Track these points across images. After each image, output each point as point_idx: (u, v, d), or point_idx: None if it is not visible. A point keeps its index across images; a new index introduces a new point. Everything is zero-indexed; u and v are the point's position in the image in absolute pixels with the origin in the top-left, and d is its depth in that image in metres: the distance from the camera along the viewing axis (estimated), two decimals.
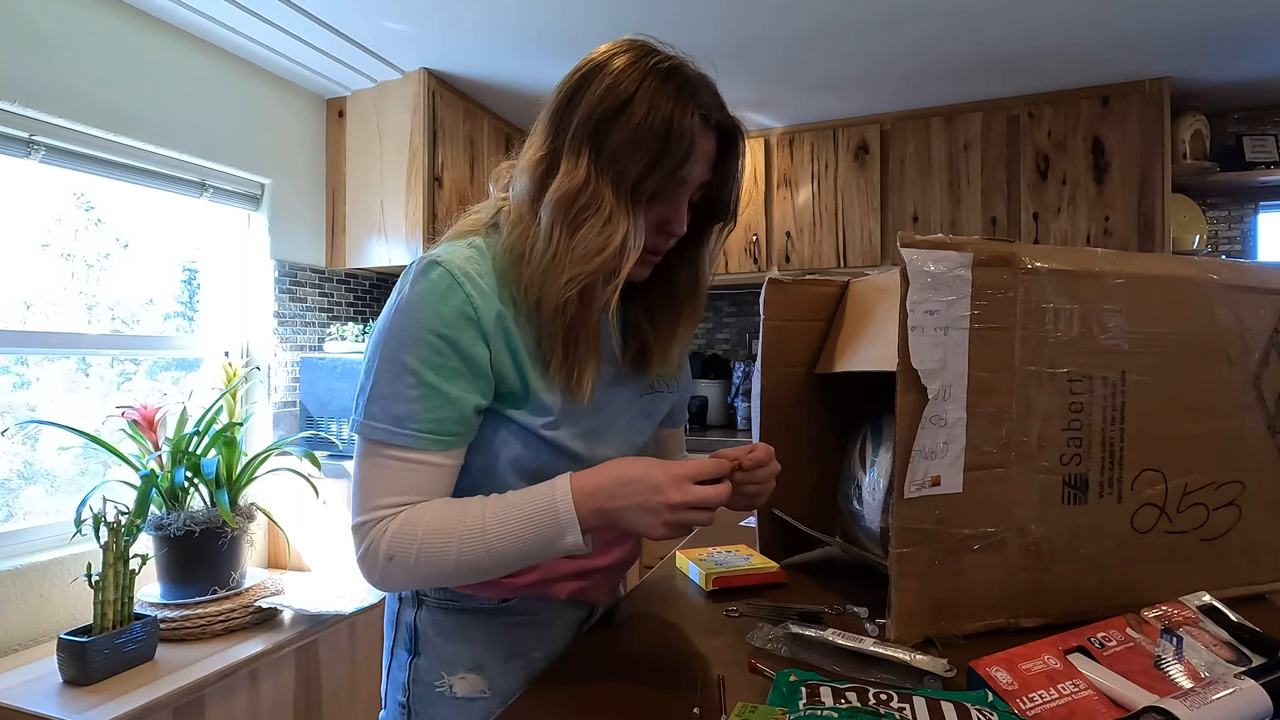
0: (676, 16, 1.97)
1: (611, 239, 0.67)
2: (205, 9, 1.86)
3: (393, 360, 0.67)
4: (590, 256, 0.67)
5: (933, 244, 0.76)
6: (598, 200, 0.67)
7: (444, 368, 0.67)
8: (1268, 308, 0.89)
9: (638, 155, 0.67)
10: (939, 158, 2.62)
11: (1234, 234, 2.68)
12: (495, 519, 0.66)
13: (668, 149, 0.68)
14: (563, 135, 0.70)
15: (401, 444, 0.67)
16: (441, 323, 0.67)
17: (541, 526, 0.65)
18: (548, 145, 0.71)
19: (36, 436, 1.77)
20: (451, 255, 0.69)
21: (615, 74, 0.69)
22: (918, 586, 0.79)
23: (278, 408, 2.26)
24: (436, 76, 2.34)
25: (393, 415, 0.67)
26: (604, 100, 0.68)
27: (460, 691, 0.77)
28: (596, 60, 0.71)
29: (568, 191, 0.67)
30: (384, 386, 0.67)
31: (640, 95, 0.67)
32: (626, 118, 0.67)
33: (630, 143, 0.67)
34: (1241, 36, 2.10)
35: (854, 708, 0.58)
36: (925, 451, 0.77)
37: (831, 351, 1.08)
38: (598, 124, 0.68)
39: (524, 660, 0.80)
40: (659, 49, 0.72)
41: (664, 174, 0.69)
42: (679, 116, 0.68)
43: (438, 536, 0.66)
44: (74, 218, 1.88)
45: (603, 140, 0.68)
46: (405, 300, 0.68)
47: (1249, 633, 0.72)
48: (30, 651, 1.55)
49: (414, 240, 2.31)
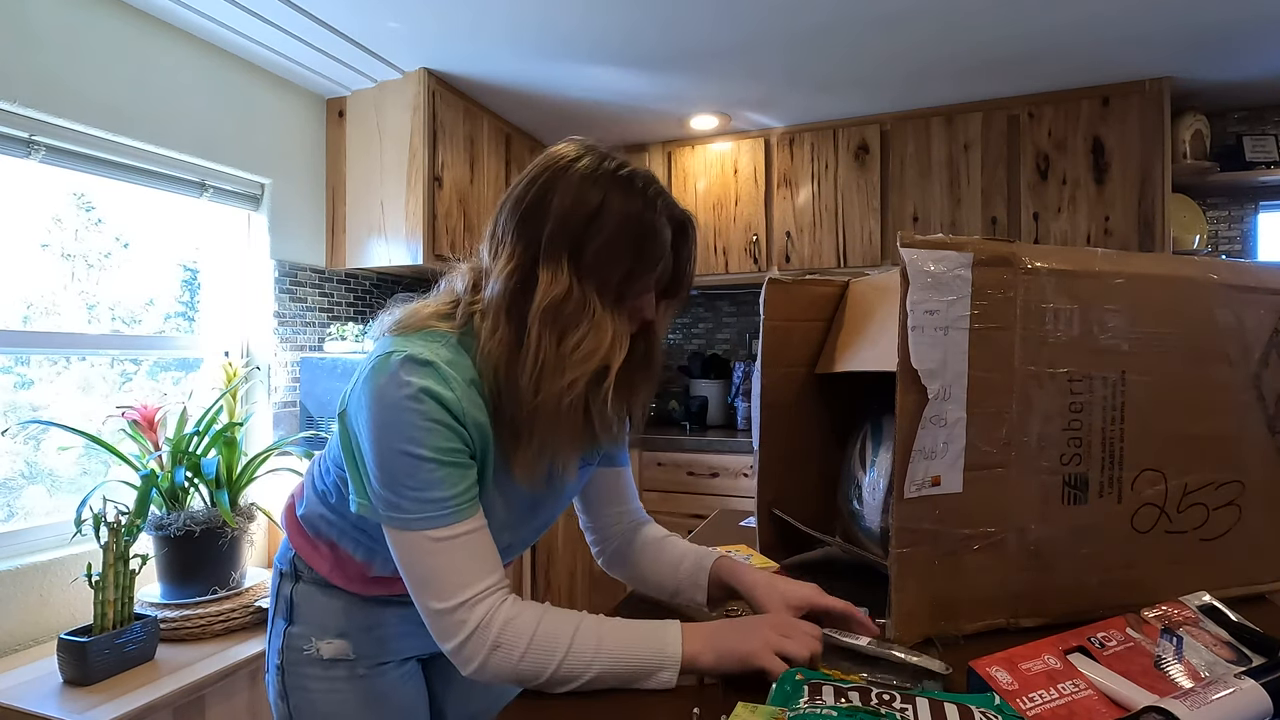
0: (677, 16, 1.97)
1: (603, 341, 0.71)
2: (205, 9, 1.86)
3: (405, 455, 0.68)
4: (586, 359, 0.70)
5: (933, 244, 0.76)
6: (584, 307, 0.70)
7: (453, 450, 0.69)
8: (1268, 308, 0.89)
9: (618, 260, 0.71)
10: (939, 158, 2.62)
11: (1234, 234, 2.68)
12: (610, 639, 0.70)
13: (644, 252, 0.72)
14: (535, 245, 0.72)
15: (452, 520, 0.69)
16: (444, 411, 0.68)
17: (647, 655, 0.70)
18: (520, 255, 0.72)
19: (39, 437, 1.77)
20: (434, 353, 0.70)
21: (579, 181, 0.72)
22: (918, 586, 0.79)
23: (278, 408, 2.26)
24: (436, 76, 2.34)
25: (430, 499, 0.68)
26: (575, 210, 0.71)
27: (326, 654, 0.85)
28: (555, 167, 0.73)
29: (554, 301, 0.70)
30: (407, 480, 0.68)
31: (609, 202, 0.71)
32: (600, 225, 0.70)
33: (608, 249, 0.70)
34: (1241, 36, 2.10)
35: (854, 707, 0.58)
36: (925, 451, 0.77)
37: (831, 351, 1.08)
38: (573, 234, 0.71)
39: (388, 630, 0.88)
40: (611, 154, 0.75)
41: (642, 274, 0.73)
42: (649, 219, 0.72)
43: (550, 642, 0.69)
44: (74, 218, 1.88)
45: (580, 249, 0.71)
46: (395, 393, 0.68)
47: (1249, 633, 0.72)
48: (30, 651, 1.55)
49: (414, 240, 2.31)
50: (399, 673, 0.89)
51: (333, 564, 0.85)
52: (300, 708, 0.86)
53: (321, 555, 0.86)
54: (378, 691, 0.86)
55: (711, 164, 2.95)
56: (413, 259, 2.31)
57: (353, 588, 0.86)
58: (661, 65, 2.29)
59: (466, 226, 2.50)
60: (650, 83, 2.42)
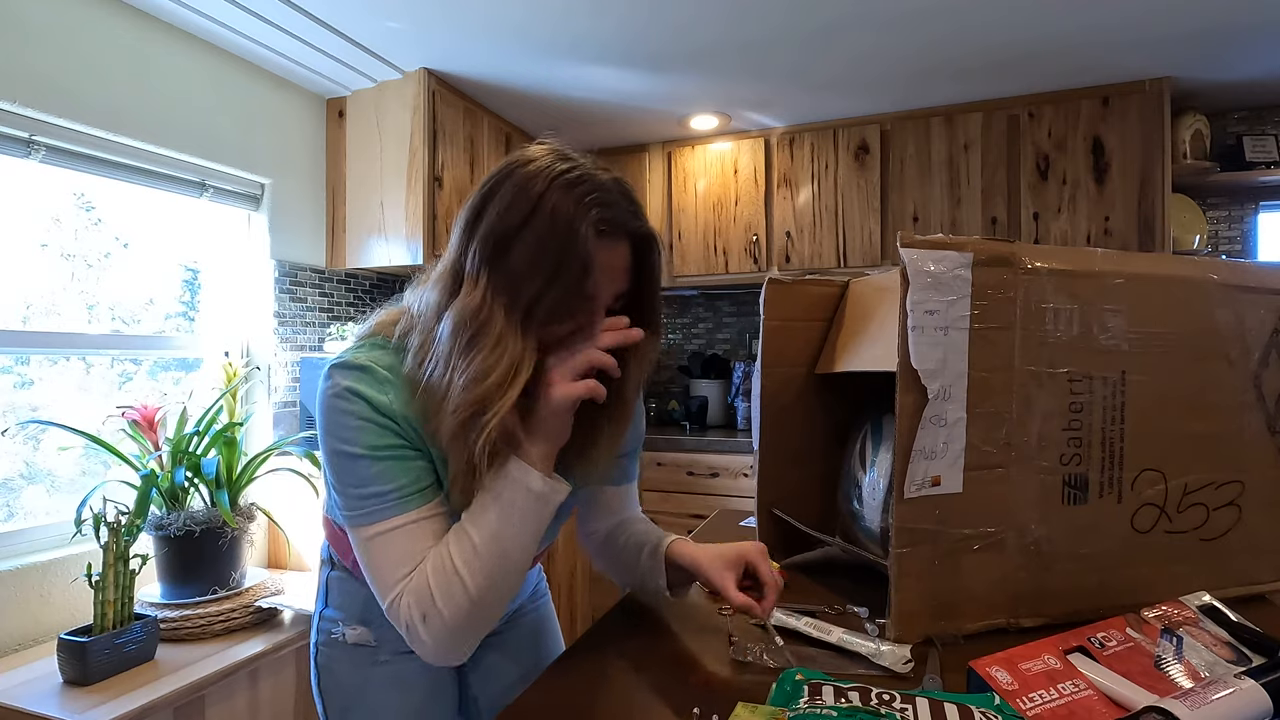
0: (677, 16, 1.97)
1: (498, 363, 0.65)
2: (205, 9, 1.86)
3: (341, 454, 0.69)
4: (476, 383, 0.65)
5: (933, 244, 0.76)
6: (489, 322, 0.66)
7: (389, 445, 0.69)
8: (1268, 308, 0.89)
9: (533, 276, 0.65)
10: (939, 158, 2.62)
11: (1234, 234, 2.68)
12: (470, 521, 0.68)
13: (562, 268, 0.65)
14: (469, 249, 0.69)
15: (389, 515, 0.69)
16: (373, 411, 0.68)
17: (505, 492, 0.68)
18: (454, 259, 0.71)
19: (39, 437, 1.77)
20: (371, 358, 0.70)
21: (521, 184, 0.67)
22: (918, 586, 0.79)
23: (278, 408, 2.26)
24: (437, 76, 2.34)
25: (367, 494, 0.69)
26: (506, 215, 0.67)
27: (350, 639, 0.87)
28: (508, 167, 0.69)
29: (463, 312, 0.67)
30: (347, 478, 0.69)
31: (541, 209, 0.65)
32: (524, 234, 0.66)
33: (527, 263, 0.66)
34: (1241, 36, 2.10)
35: (854, 707, 0.58)
36: (925, 451, 0.77)
37: (831, 351, 1.08)
38: (498, 242, 0.67)
39: None
40: (571, 156, 0.69)
41: (561, 294, 0.66)
42: (577, 231, 0.65)
43: (439, 573, 0.67)
44: (74, 218, 1.87)
45: (501, 260, 0.67)
46: (334, 400, 0.69)
47: (1249, 633, 0.72)
48: (30, 651, 1.55)
49: (414, 240, 2.31)
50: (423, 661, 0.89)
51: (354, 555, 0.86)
52: (329, 688, 0.89)
53: (345, 546, 0.86)
54: (400, 678, 0.87)
55: (711, 164, 2.95)
56: (413, 259, 2.31)
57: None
58: (662, 65, 2.29)
59: None
60: (650, 83, 2.42)
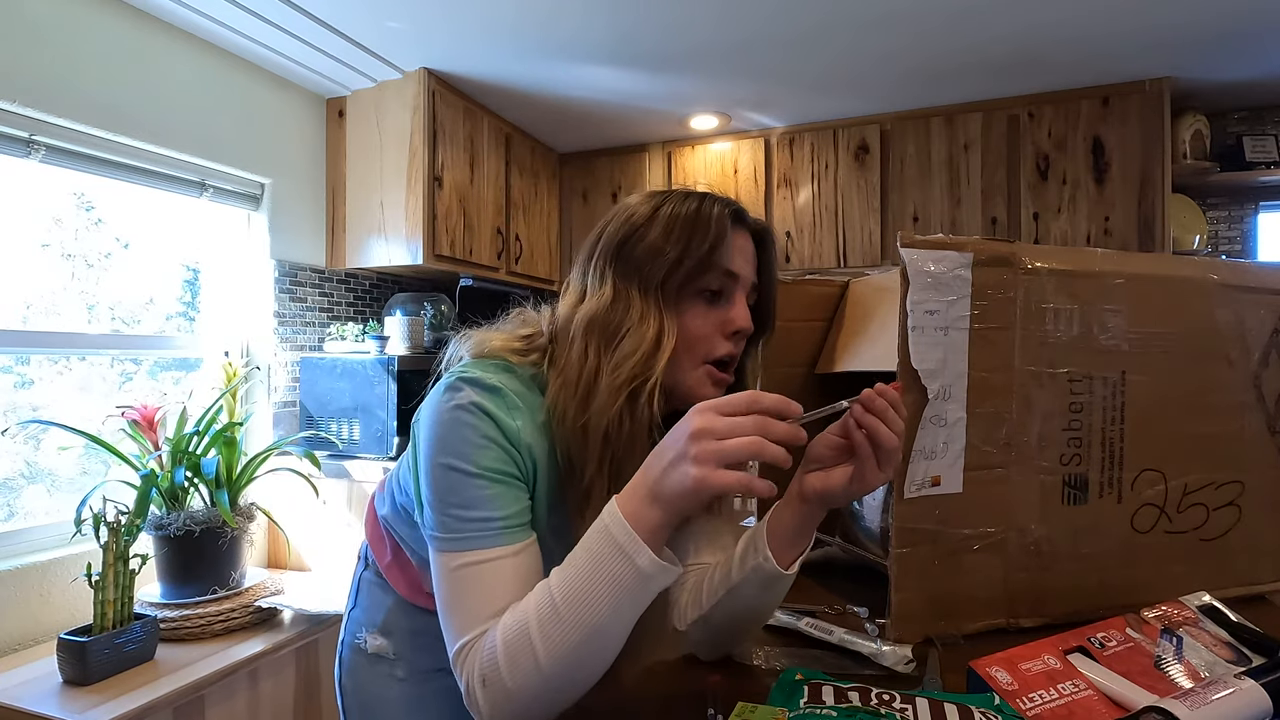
0: (677, 15, 1.97)
1: (645, 336, 0.67)
2: (205, 9, 1.85)
3: (453, 470, 0.64)
4: (624, 360, 0.66)
5: (933, 244, 0.76)
6: (627, 307, 0.68)
7: (506, 473, 0.65)
8: (1268, 308, 0.89)
9: (663, 254, 0.69)
10: (939, 158, 2.62)
11: (1234, 234, 2.67)
12: (559, 585, 0.58)
13: (695, 236, 0.69)
14: (589, 266, 0.73)
15: (488, 544, 0.63)
16: (501, 433, 0.65)
17: (605, 560, 0.56)
18: (578, 282, 0.74)
19: (39, 437, 1.77)
20: (502, 381, 0.67)
21: (633, 204, 0.73)
22: (918, 586, 0.79)
23: (278, 408, 2.26)
24: (436, 76, 2.34)
25: (471, 518, 0.63)
26: (626, 225, 0.71)
27: (370, 648, 0.86)
28: (620, 206, 0.75)
29: (596, 309, 0.69)
30: (453, 497, 0.64)
31: (663, 208, 0.71)
32: (645, 230, 0.70)
33: (656, 245, 0.69)
34: (1241, 36, 2.10)
35: (854, 707, 0.58)
36: (925, 451, 0.77)
37: (831, 351, 1.08)
38: (618, 246, 0.71)
39: (429, 638, 0.78)
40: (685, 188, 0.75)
41: (696, 263, 0.69)
42: (705, 208, 0.70)
43: (516, 637, 0.57)
44: (74, 218, 1.88)
45: (624, 256, 0.70)
46: (459, 413, 0.65)
47: (1249, 633, 0.72)
48: (30, 651, 1.55)
49: (414, 240, 2.31)
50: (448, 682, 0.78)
51: (392, 560, 0.84)
52: (348, 689, 0.88)
53: (386, 549, 0.85)
54: (414, 698, 0.84)
55: (711, 164, 2.95)
56: (413, 259, 2.31)
57: (404, 591, 0.84)
58: (661, 65, 2.29)
59: (466, 226, 2.50)
60: (650, 83, 2.42)
